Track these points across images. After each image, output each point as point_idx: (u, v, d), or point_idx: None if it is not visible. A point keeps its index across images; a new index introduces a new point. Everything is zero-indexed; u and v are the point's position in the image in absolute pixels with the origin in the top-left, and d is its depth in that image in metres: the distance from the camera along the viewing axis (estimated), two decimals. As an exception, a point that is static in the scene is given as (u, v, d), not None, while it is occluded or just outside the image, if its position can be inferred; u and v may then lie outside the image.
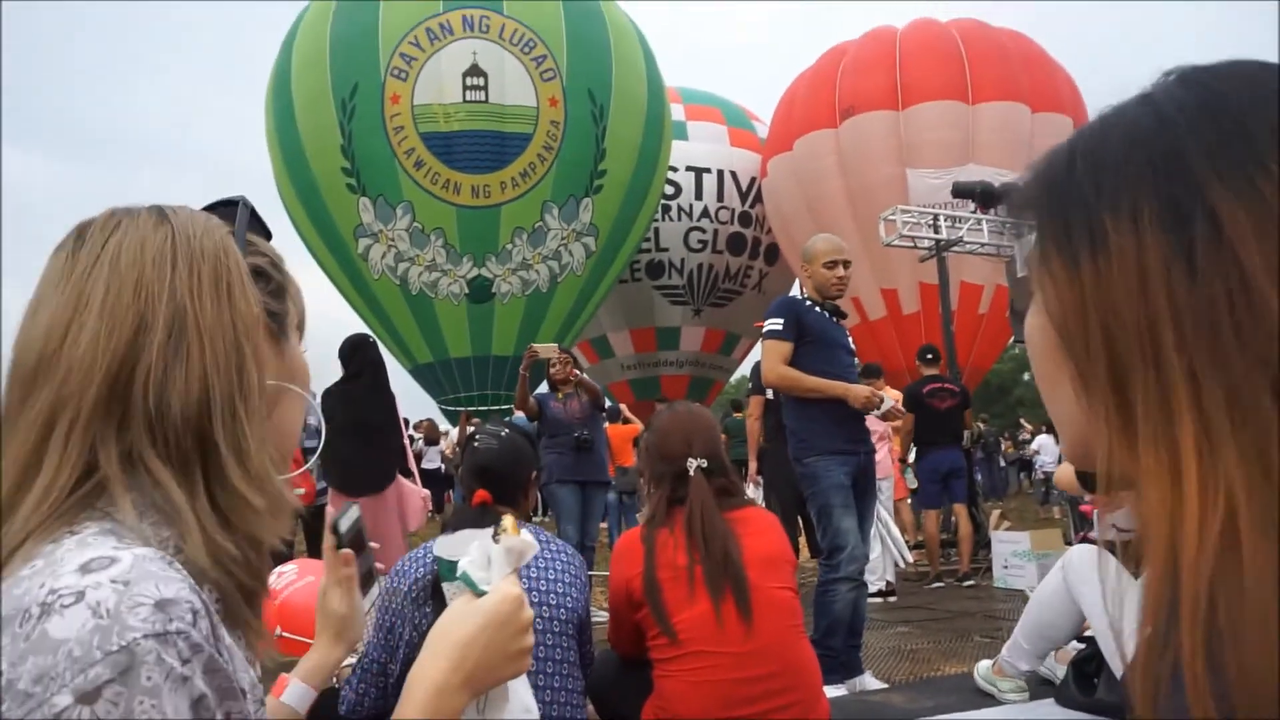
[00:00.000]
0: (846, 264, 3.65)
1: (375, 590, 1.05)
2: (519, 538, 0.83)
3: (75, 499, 0.62)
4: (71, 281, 0.66)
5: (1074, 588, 2.82)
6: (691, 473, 2.15)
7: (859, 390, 3.50)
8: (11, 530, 0.61)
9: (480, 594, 0.79)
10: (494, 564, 0.81)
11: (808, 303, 3.70)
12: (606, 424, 6.14)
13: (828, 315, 3.68)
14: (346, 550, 1.05)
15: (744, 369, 16.50)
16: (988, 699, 3.03)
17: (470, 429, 6.00)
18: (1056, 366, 0.50)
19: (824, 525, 3.51)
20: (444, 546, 0.86)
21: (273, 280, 0.80)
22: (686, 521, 2.08)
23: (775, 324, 3.61)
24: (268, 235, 0.85)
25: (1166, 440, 0.43)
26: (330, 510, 3.98)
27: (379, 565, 1.12)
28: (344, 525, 1.05)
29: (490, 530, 0.84)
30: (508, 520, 0.86)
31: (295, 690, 1.02)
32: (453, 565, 0.83)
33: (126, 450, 0.63)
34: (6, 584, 0.57)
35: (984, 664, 3.15)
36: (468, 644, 0.76)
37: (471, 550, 0.82)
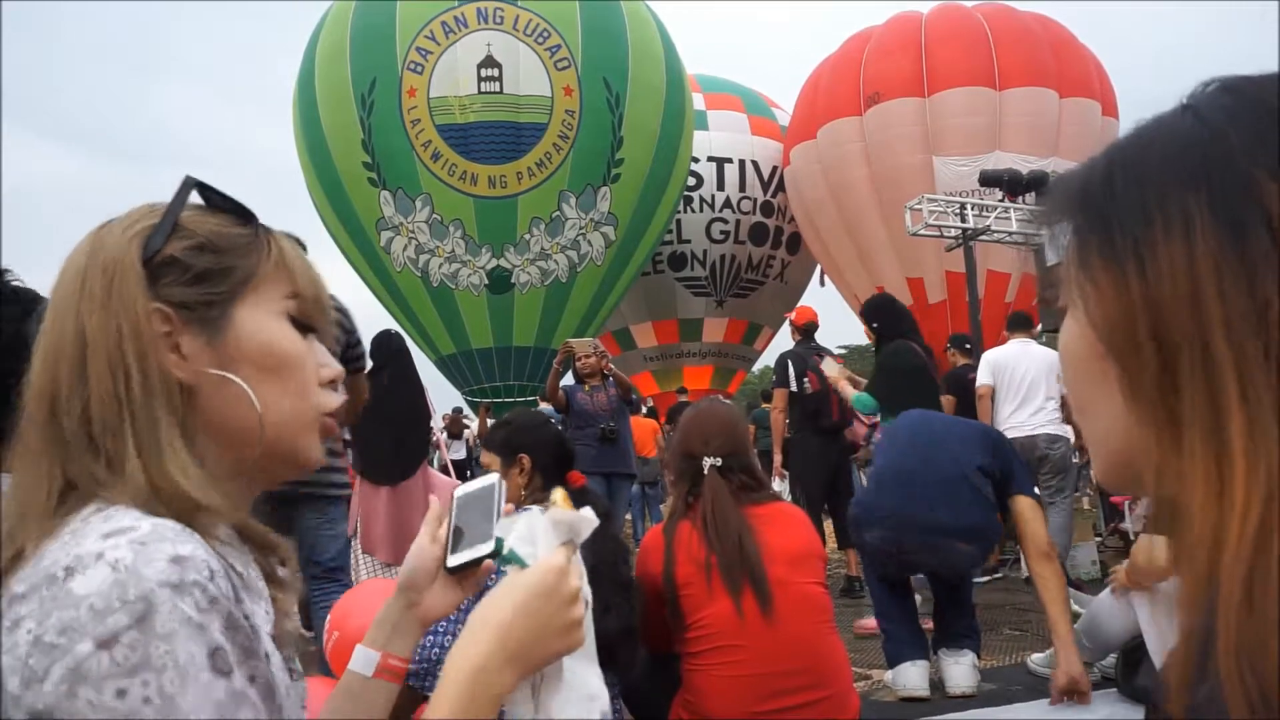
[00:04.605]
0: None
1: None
2: (569, 510, 0.78)
3: (64, 507, 0.64)
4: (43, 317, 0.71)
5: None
6: (706, 470, 2.19)
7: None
8: (20, 534, 0.63)
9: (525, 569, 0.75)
10: (540, 538, 0.76)
11: None
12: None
13: None
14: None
15: (766, 359, 16.46)
16: (1022, 693, 2.97)
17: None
18: (1097, 372, 0.50)
19: None
20: (502, 528, 0.81)
21: (193, 267, 0.71)
22: (702, 517, 2.14)
23: None
24: (238, 211, 0.76)
25: (1215, 437, 0.43)
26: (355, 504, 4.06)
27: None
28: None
29: (542, 507, 0.80)
30: (558, 493, 0.81)
31: (358, 654, 0.94)
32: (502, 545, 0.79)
33: (80, 470, 0.66)
34: (34, 559, 0.60)
35: (1038, 656, 3.27)
36: (509, 620, 0.71)
37: (518, 525, 0.78)
